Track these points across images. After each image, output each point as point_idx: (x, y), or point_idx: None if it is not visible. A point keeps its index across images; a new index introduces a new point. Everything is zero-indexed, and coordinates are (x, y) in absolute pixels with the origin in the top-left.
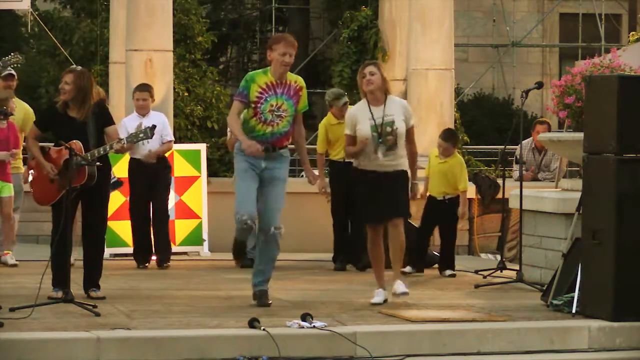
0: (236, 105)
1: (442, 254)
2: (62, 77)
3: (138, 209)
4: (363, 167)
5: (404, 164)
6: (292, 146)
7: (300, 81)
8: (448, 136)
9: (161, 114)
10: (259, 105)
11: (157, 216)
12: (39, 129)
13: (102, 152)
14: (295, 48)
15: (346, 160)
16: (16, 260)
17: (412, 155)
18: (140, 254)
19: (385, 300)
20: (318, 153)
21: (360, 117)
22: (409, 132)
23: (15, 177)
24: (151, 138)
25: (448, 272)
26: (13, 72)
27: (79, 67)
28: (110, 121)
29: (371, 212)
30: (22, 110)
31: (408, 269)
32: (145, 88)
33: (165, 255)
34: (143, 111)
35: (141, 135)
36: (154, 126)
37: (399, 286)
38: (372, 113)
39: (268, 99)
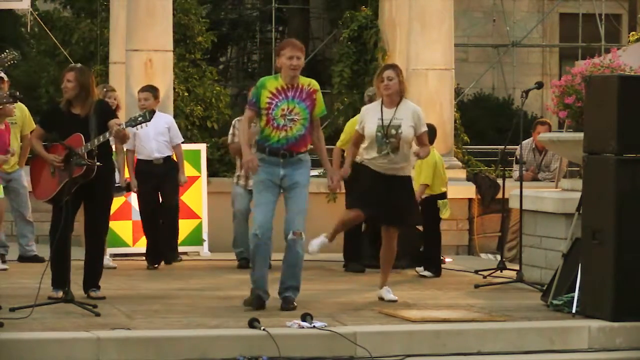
0: (246, 114)
1: (424, 254)
2: (64, 76)
3: (148, 209)
4: (367, 164)
5: (408, 169)
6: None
7: (314, 84)
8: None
9: (169, 116)
10: (270, 111)
11: (165, 216)
12: (43, 129)
13: (101, 140)
14: (302, 51)
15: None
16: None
17: (426, 149)
18: (152, 255)
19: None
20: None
21: (370, 116)
22: (422, 137)
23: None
24: (149, 121)
25: (423, 271)
26: (2, 74)
27: (79, 65)
28: (112, 115)
29: (365, 205)
30: (22, 111)
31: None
32: (146, 89)
33: (172, 253)
34: None
35: (140, 118)
36: (153, 111)
37: (388, 293)
38: (382, 114)
39: (279, 104)
